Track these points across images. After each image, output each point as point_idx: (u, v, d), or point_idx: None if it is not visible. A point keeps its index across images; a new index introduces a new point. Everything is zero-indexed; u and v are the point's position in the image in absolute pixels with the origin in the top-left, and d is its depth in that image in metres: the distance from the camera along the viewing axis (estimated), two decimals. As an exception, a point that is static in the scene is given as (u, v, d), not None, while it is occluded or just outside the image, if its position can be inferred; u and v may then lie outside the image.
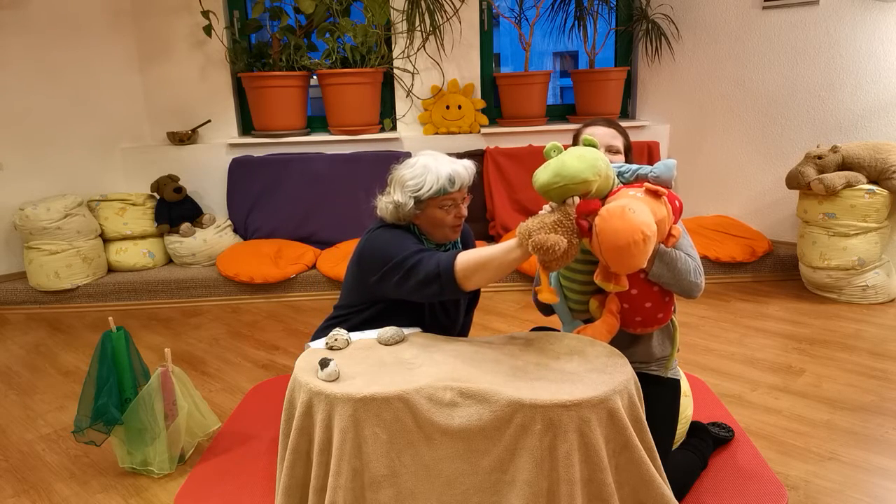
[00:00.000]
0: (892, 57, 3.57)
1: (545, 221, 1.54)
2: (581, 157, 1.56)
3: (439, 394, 1.46)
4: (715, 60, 4.14)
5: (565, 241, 1.51)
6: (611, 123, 1.96)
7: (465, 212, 1.89)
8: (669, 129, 4.40)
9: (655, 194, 1.60)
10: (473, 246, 2.11)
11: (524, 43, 4.41)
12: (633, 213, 1.49)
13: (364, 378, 1.51)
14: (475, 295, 2.19)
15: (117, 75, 4.29)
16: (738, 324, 3.21)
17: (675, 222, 1.67)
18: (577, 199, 1.56)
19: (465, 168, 1.84)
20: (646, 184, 1.63)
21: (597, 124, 1.96)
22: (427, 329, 1.91)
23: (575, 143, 1.94)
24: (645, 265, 1.55)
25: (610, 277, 1.60)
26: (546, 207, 1.64)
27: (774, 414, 2.35)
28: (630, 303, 1.71)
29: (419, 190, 1.80)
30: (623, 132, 1.96)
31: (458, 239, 2.03)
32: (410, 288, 1.73)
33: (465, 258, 1.65)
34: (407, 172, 1.84)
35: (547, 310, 1.96)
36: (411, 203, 1.81)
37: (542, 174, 1.58)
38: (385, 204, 1.87)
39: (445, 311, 1.98)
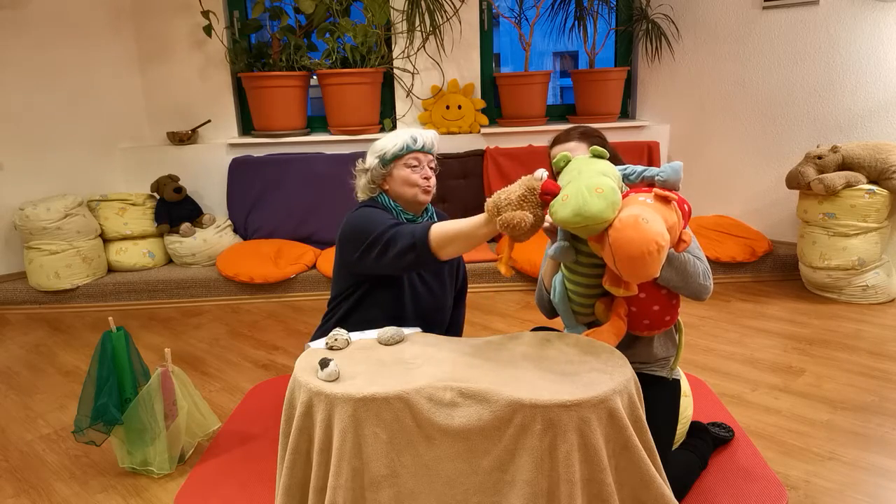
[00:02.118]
0: (892, 57, 3.57)
1: (511, 198, 1.58)
2: (601, 192, 1.50)
3: (439, 394, 1.46)
4: (715, 60, 4.14)
5: (531, 216, 1.56)
6: (583, 136, 1.91)
7: (431, 176, 1.99)
8: (669, 129, 4.40)
9: (665, 200, 1.58)
10: None
11: (524, 43, 4.41)
12: (646, 223, 1.47)
13: (364, 378, 1.51)
14: (462, 286, 2.25)
15: (117, 75, 4.29)
16: (738, 324, 3.21)
17: (684, 227, 1.65)
18: (544, 175, 1.59)
19: (432, 135, 1.99)
20: (655, 189, 1.61)
21: (569, 139, 1.92)
22: (413, 313, 1.98)
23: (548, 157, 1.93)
24: (658, 274, 1.54)
25: (619, 283, 1.60)
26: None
27: (774, 414, 2.35)
28: (638, 306, 1.70)
29: (384, 150, 1.96)
30: (593, 141, 1.89)
31: (433, 212, 2.12)
32: (389, 260, 1.80)
33: (439, 229, 1.72)
34: (377, 143, 2.01)
35: (551, 312, 1.96)
36: (377, 163, 1.97)
37: (562, 209, 1.52)
38: (359, 174, 2.03)
39: (429, 291, 2.03)
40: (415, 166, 1.96)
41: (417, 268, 1.82)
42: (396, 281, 1.97)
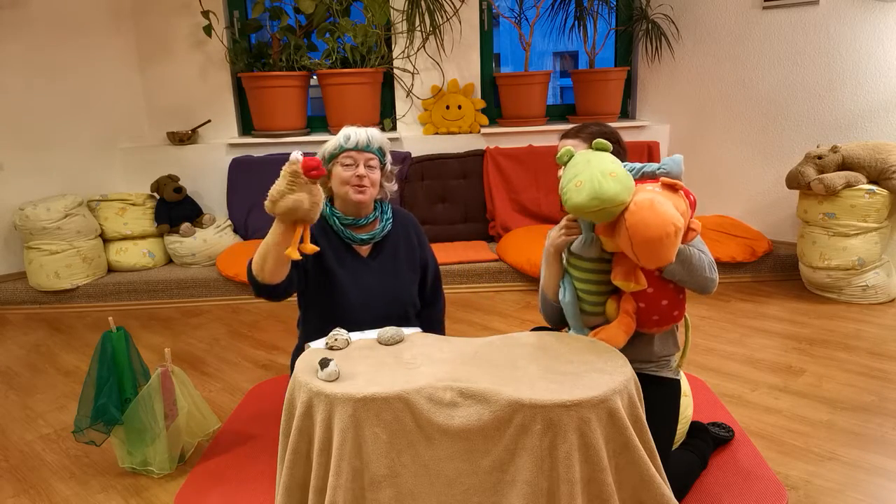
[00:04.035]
0: (892, 57, 3.57)
1: (280, 188, 1.70)
2: (615, 175, 1.52)
3: (439, 394, 1.46)
4: (715, 60, 4.14)
5: (306, 195, 1.67)
6: (590, 136, 1.90)
7: (366, 175, 1.99)
8: (669, 129, 4.40)
9: (673, 188, 1.59)
10: (419, 233, 2.21)
11: (524, 43, 4.41)
12: (662, 206, 1.48)
13: (364, 378, 1.51)
14: (433, 287, 2.26)
15: (117, 75, 4.29)
16: (738, 324, 3.21)
17: (691, 216, 1.66)
18: (299, 156, 1.69)
19: (369, 133, 2.01)
20: (662, 179, 1.61)
21: (577, 136, 1.92)
22: (365, 299, 2.05)
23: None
24: (673, 259, 1.54)
25: (630, 277, 1.59)
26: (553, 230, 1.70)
27: (774, 414, 2.35)
28: (647, 302, 1.70)
29: (324, 151, 2.03)
30: (591, 139, 1.86)
31: (388, 211, 2.13)
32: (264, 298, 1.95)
33: (253, 262, 1.84)
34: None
35: (556, 321, 1.93)
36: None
37: (577, 195, 1.53)
38: None
39: (380, 277, 2.07)
40: (348, 164, 1.99)
41: (266, 295, 1.89)
42: (330, 285, 2.03)
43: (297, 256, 1.70)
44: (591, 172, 1.54)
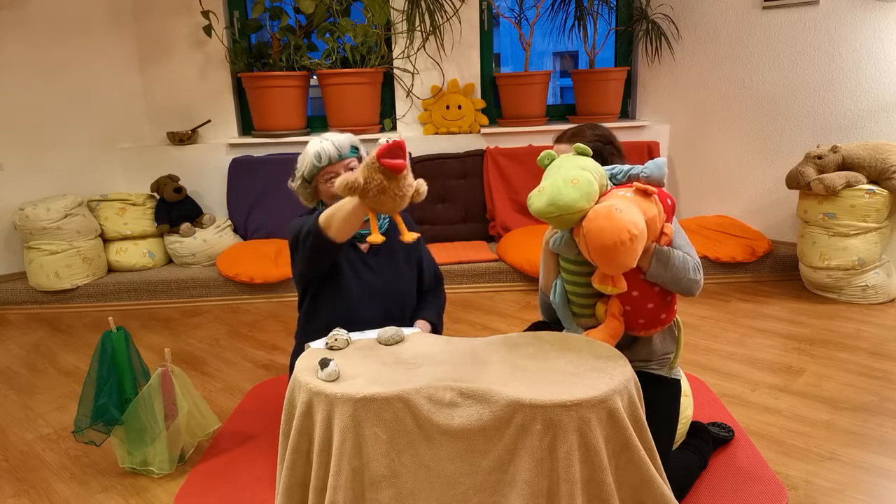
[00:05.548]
0: (892, 57, 3.57)
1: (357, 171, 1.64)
2: (576, 183, 1.53)
3: (439, 394, 1.46)
4: (715, 60, 4.14)
5: (361, 177, 1.59)
6: (592, 137, 1.90)
7: None
8: (669, 129, 4.40)
9: (645, 193, 1.60)
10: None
11: (524, 43, 4.41)
12: (619, 213, 1.49)
13: (364, 378, 1.51)
14: (432, 285, 2.27)
15: (117, 75, 4.29)
16: (738, 324, 3.21)
17: (667, 220, 1.66)
18: (381, 141, 1.61)
19: (334, 142, 1.98)
20: (635, 183, 1.62)
21: (571, 139, 1.92)
22: (367, 296, 2.05)
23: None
24: (634, 265, 1.54)
25: (606, 280, 1.60)
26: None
27: (774, 414, 2.35)
28: (632, 305, 1.70)
29: (301, 171, 2.02)
30: (586, 142, 1.87)
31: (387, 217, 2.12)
32: (304, 254, 1.89)
33: (324, 211, 1.82)
34: (299, 158, 2.05)
35: (552, 315, 1.94)
36: (300, 184, 2.04)
37: (538, 200, 1.57)
38: (297, 192, 2.09)
39: (379, 275, 2.09)
40: (331, 178, 1.99)
41: (320, 252, 1.86)
42: (335, 277, 2.03)
43: (380, 239, 1.66)
44: (555, 179, 1.56)
